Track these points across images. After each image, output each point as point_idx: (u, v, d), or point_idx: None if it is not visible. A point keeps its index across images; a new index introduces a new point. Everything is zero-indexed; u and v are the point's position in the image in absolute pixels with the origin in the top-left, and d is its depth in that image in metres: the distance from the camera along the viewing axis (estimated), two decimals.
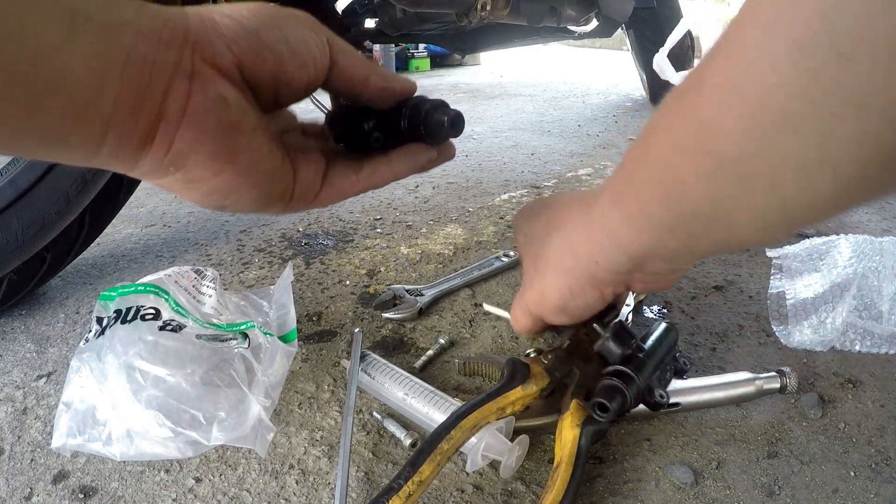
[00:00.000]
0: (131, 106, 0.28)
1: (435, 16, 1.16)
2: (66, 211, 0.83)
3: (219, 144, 0.31)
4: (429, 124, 0.37)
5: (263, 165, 0.33)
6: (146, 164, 0.31)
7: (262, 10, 0.33)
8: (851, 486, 0.53)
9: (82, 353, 0.59)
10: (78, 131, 0.27)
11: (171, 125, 0.30)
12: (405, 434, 0.59)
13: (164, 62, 0.28)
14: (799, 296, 0.75)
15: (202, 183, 0.32)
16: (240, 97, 0.32)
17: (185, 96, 0.29)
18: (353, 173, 0.39)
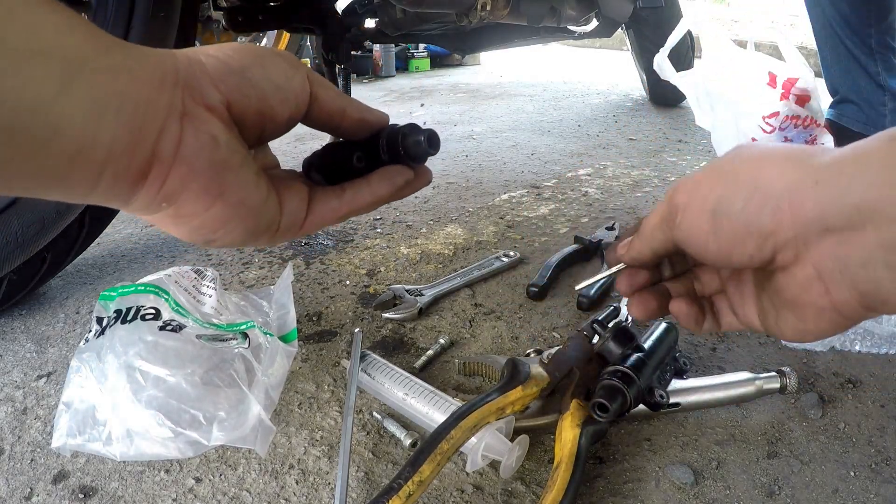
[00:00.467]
0: (126, 147, 0.29)
1: (435, 16, 1.16)
2: (66, 211, 0.83)
3: (209, 181, 0.33)
4: (407, 146, 0.39)
5: (251, 200, 0.35)
6: (140, 201, 0.32)
7: (244, 50, 0.35)
8: (851, 486, 0.53)
9: (82, 353, 0.59)
10: (75, 173, 0.28)
11: (165, 164, 0.31)
12: (405, 434, 0.59)
13: (156, 104, 0.30)
14: None
15: (193, 218, 0.34)
16: (229, 135, 0.33)
17: (177, 136, 0.31)
18: (335, 199, 0.40)
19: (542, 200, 1.33)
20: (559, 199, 1.33)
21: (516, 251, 0.99)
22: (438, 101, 2.68)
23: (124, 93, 0.28)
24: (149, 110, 0.29)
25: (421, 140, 0.39)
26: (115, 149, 0.28)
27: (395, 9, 1.18)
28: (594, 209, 1.26)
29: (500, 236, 1.12)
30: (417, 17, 1.17)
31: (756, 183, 0.33)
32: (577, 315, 0.82)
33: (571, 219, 1.20)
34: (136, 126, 0.29)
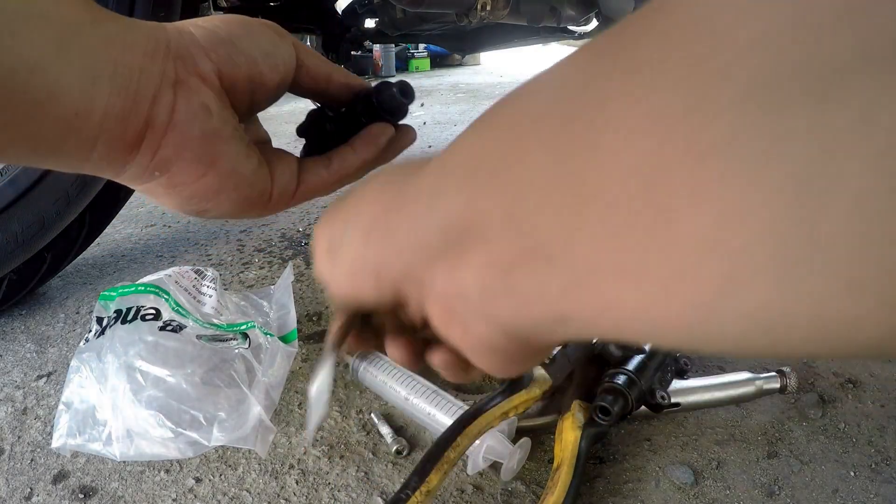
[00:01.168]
0: (120, 114, 0.29)
1: (435, 16, 1.16)
2: (66, 211, 0.83)
3: (201, 150, 0.33)
4: (382, 100, 0.40)
5: (243, 169, 0.35)
6: (133, 169, 0.32)
7: (231, 20, 0.36)
8: (851, 486, 0.53)
9: (82, 353, 0.59)
10: (70, 140, 0.28)
11: (158, 132, 0.31)
12: (393, 439, 0.58)
13: (149, 72, 0.30)
14: None
15: (185, 187, 0.34)
16: (220, 105, 0.34)
17: (170, 104, 0.31)
18: (323, 168, 0.41)
19: None
20: None
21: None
22: (438, 101, 2.68)
23: (118, 60, 0.29)
24: (142, 78, 0.30)
25: (394, 92, 0.39)
26: (109, 115, 0.29)
27: (395, 9, 1.18)
28: None
29: None
30: (417, 17, 1.17)
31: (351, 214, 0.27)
32: None
33: None
34: (131, 93, 0.29)
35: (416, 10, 1.06)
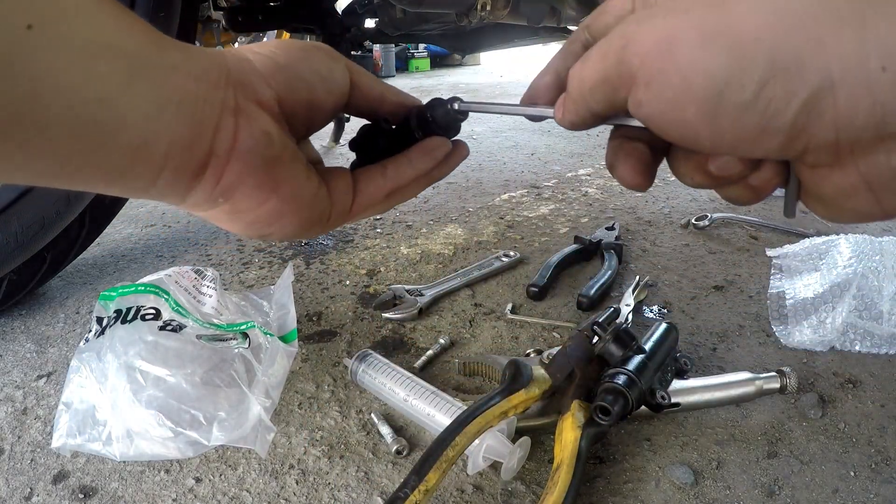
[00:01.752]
0: (186, 142, 0.30)
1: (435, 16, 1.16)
2: (66, 211, 0.83)
3: (264, 176, 0.34)
4: (436, 116, 0.40)
5: (305, 192, 0.36)
6: (197, 196, 0.33)
7: (288, 46, 0.36)
8: (851, 486, 0.53)
9: (82, 353, 0.59)
10: (137, 167, 0.29)
11: (221, 160, 0.32)
12: (393, 439, 0.58)
13: (212, 101, 0.31)
14: (799, 296, 0.75)
15: (248, 213, 0.35)
16: (280, 130, 0.34)
17: (232, 132, 0.32)
18: (379, 177, 0.41)
19: (542, 200, 1.33)
20: (559, 199, 1.33)
21: (516, 251, 0.99)
22: None
23: (183, 89, 0.29)
24: (206, 107, 0.30)
25: (448, 109, 0.40)
26: (175, 143, 0.29)
27: (395, 9, 1.18)
28: (594, 209, 1.26)
29: (500, 236, 1.12)
30: (417, 17, 1.17)
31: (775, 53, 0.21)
32: (577, 315, 0.82)
33: (571, 219, 1.20)
34: (195, 122, 0.30)
35: (416, 10, 1.06)
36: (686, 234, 1.10)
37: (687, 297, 0.86)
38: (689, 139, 0.26)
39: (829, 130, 0.22)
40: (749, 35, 0.22)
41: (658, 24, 0.24)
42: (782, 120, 0.22)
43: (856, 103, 0.21)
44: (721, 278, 0.91)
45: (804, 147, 0.23)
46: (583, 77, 0.28)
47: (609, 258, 0.94)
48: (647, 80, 0.25)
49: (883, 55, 0.20)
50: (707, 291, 0.88)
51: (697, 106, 0.23)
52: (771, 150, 0.24)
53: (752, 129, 0.23)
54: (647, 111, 0.26)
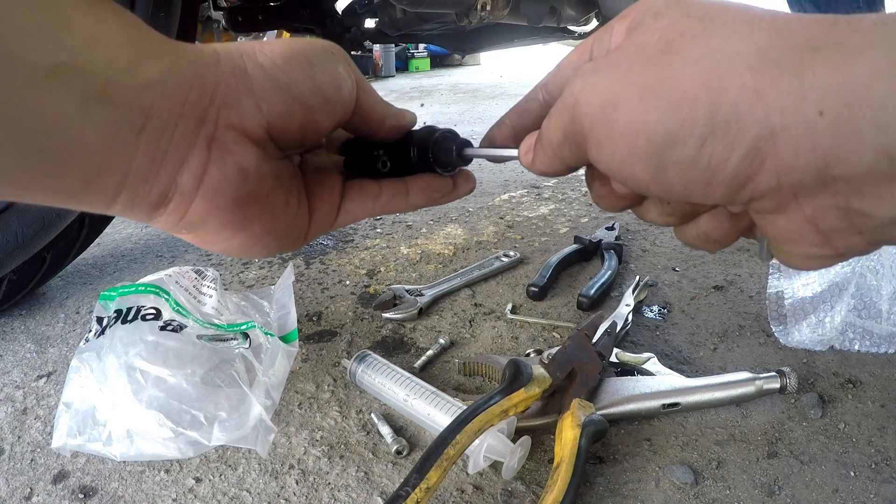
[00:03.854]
0: (145, 173, 0.28)
1: (435, 16, 1.16)
2: (66, 211, 0.83)
3: (231, 216, 0.31)
4: (437, 154, 0.38)
5: (277, 227, 0.34)
6: (159, 223, 0.31)
7: (295, 58, 0.31)
8: (851, 486, 0.53)
9: (82, 353, 0.59)
10: (90, 194, 0.27)
11: (186, 197, 0.29)
12: (393, 439, 0.58)
13: (184, 128, 0.28)
14: (797, 295, 0.75)
15: (216, 245, 0.33)
16: (259, 163, 0.31)
17: (201, 168, 0.29)
18: (370, 201, 0.38)
19: (542, 200, 1.33)
20: (559, 199, 1.33)
21: (516, 251, 0.99)
22: (438, 101, 2.68)
23: (150, 113, 0.27)
24: (175, 136, 0.28)
25: (452, 151, 0.37)
26: (132, 175, 0.27)
27: (395, 9, 1.18)
28: (594, 209, 1.26)
29: (500, 236, 1.12)
30: (417, 17, 1.17)
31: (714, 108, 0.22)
32: (577, 315, 0.82)
33: (571, 219, 1.21)
34: (159, 153, 0.27)
35: (416, 10, 1.06)
36: None
37: (687, 297, 0.86)
38: (644, 191, 0.27)
39: (771, 178, 0.22)
40: (687, 91, 0.22)
41: (601, 84, 0.25)
42: (724, 172, 0.23)
43: (795, 150, 0.21)
44: (721, 278, 0.91)
45: (749, 195, 0.24)
46: (550, 134, 0.29)
47: (609, 258, 0.94)
48: (597, 141, 0.26)
49: (819, 99, 0.20)
50: (707, 291, 0.88)
51: (643, 163, 0.24)
52: (719, 200, 0.24)
53: (698, 182, 0.24)
54: (603, 166, 0.27)
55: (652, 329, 0.78)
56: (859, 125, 0.20)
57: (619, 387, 0.61)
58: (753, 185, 0.23)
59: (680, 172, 0.24)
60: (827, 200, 0.22)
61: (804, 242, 0.24)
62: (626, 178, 0.26)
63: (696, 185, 0.24)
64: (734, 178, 0.23)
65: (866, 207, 0.22)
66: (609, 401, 0.59)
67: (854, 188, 0.21)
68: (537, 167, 0.32)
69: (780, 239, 0.25)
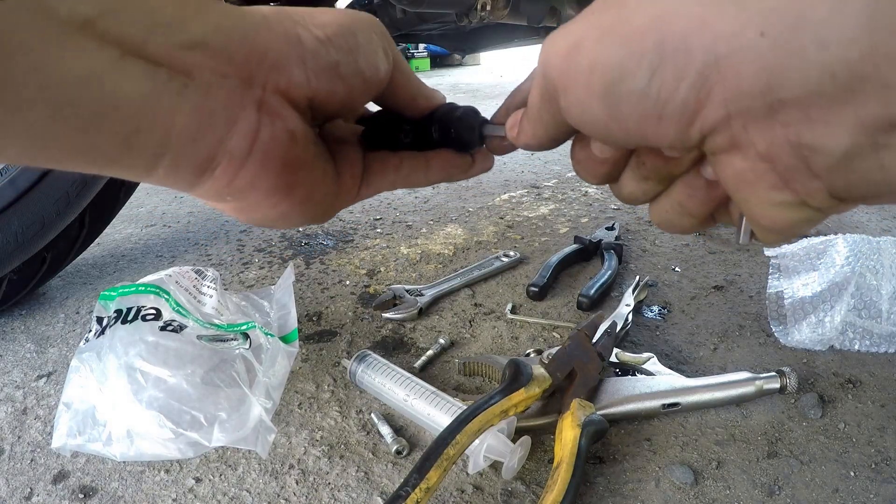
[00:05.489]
0: (191, 134, 0.26)
1: (435, 16, 1.16)
2: (66, 211, 0.83)
3: (280, 181, 0.31)
4: (459, 132, 0.38)
5: (317, 194, 0.34)
6: (203, 190, 0.30)
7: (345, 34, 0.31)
8: (851, 486, 0.53)
9: (82, 353, 0.59)
10: (130, 155, 0.26)
11: (236, 160, 0.28)
12: (393, 439, 0.58)
13: (231, 89, 0.27)
14: (797, 295, 0.75)
15: (257, 213, 0.33)
16: (306, 129, 0.31)
17: (252, 130, 0.28)
18: (392, 173, 0.39)
19: (542, 200, 1.33)
20: (559, 199, 1.33)
21: (516, 251, 0.99)
22: None
23: (194, 70, 0.25)
24: (221, 96, 0.27)
25: (474, 129, 0.37)
26: (176, 135, 0.26)
27: (395, 9, 1.18)
28: (594, 209, 1.26)
29: (500, 236, 1.12)
30: (417, 17, 1.17)
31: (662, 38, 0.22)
32: (577, 315, 0.82)
33: (571, 219, 1.21)
34: (205, 113, 0.26)
35: (416, 10, 1.06)
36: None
37: (687, 296, 0.86)
38: (605, 134, 0.27)
39: (719, 107, 0.22)
40: (639, 26, 0.23)
41: (567, 33, 0.26)
42: (674, 104, 0.23)
43: (739, 74, 0.21)
44: (721, 278, 0.91)
45: (700, 131, 0.23)
46: (532, 101, 0.30)
47: (609, 258, 0.94)
48: (564, 86, 0.26)
49: (760, 21, 0.20)
50: (707, 291, 0.88)
51: (600, 100, 0.25)
52: (673, 138, 0.24)
53: (650, 116, 0.24)
54: (571, 116, 0.27)
55: (652, 329, 0.78)
56: (801, 43, 0.20)
57: (619, 387, 0.61)
58: (703, 119, 0.23)
59: (632, 106, 0.24)
60: (777, 131, 0.22)
61: (763, 185, 0.24)
62: (589, 121, 0.26)
63: (649, 121, 0.24)
64: (683, 109, 0.23)
65: (816, 139, 0.21)
66: (609, 401, 0.59)
67: (802, 114, 0.21)
68: (522, 139, 0.33)
69: (738, 184, 0.25)
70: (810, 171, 0.22)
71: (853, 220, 1.15)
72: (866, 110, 0.20)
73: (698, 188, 0.30)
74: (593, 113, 0.26)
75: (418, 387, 0.61)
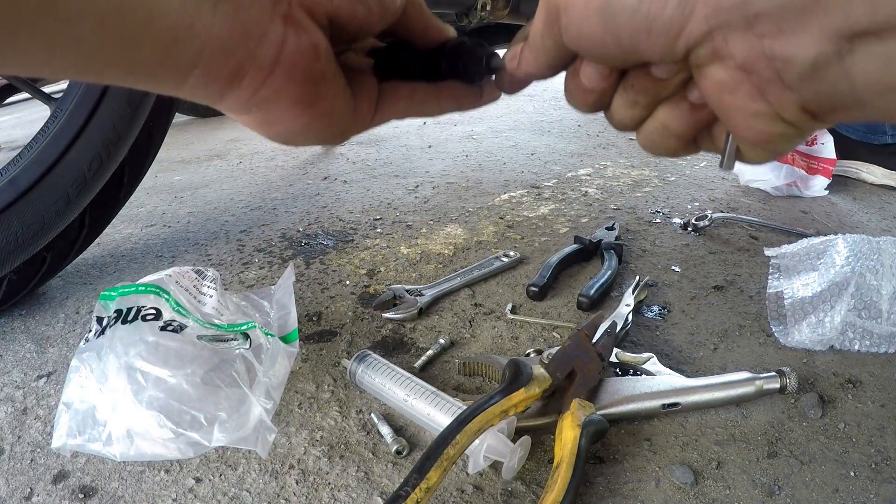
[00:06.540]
0: (223, 45, 0.28)
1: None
2: (66, 211, 0.83)
3: (303, 92, 0.32)
4: (468, 67, 0.39)
5: (338, 110, 0.35)
6: (230, 101, 0.31)
7: None
8: (851, 486, 0.53)
9: (82, 353, 0.59)
10: (167, 65, 0.27)
11: (263, 70, 0.30)
12: (393, 439, 0.58)
13: (260, 2, 0.29)
14: (797, 295, 0.75)
15: (279, 125, 0.34)
16: (328, 45, 0.32)
17: (279, 42, 0.30)
18: (405, 101, 0.40)
19: (542, 200, 1.33)
20: (559, 199, 1.33)
21: (516, 251, 0.99)
22: None
23: None
24: (252, 8, 0.28)
25: (481, 61, 0.39)
26: (209, 44, 0.28)
27: None
28: (594, 209, 1.26)
29: (500, 236, 1.12)
30: None
31: None
32: (577, 315, 0.82)
33: (571, 219, 1.20)
34: (238, 24, 0.28)
35: None
36: (686, 234, 1.10)
37: (687, 297, 0.86)
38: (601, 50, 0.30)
39: (701, 23, 0.25)
40: None
41: None
42: (661, 19, 0.26)
43: None
44: (721, 278, 0.91)
45: (685, 45, 0.26)
46: (534, 28, 0.33)
47: (609, 258, 0.94)
48: (565, 7, 0.29)
49: None
50: (707, 291, 0.88)
51: (598, 17, 0.28)
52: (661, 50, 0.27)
53: (642, 30, 0.27)
54: (570, 35, 0.30)
55: (652, 329, 0.78)
56: None
57: (619, 387, 0.61)
58: (687, 34, 0.26)
59: (625, 20, 0.27)
60: (753, 42, 0.24)
61: (741, 94, 0.26)
62: (586, 36, 0.29)
63: (640, 34, 0.27)
64: (670, 24, 0.26)
65: (787, 50, 0.23)
66: (609, 401, 0.59)
67: (774, 27, 0.23)
68: (522, 68, 0.35)
69: (720, 94, 0.27)
70: (783, 82, 0.25)
71: (853, 220, 1.15)
72: (829, 20, 0.22)
73: (683, 110, 0.32)
74: (591, 28, 0.28)
75: (418, 387, 0.61)
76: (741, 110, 0.27)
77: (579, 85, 0.34)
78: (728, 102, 0.27)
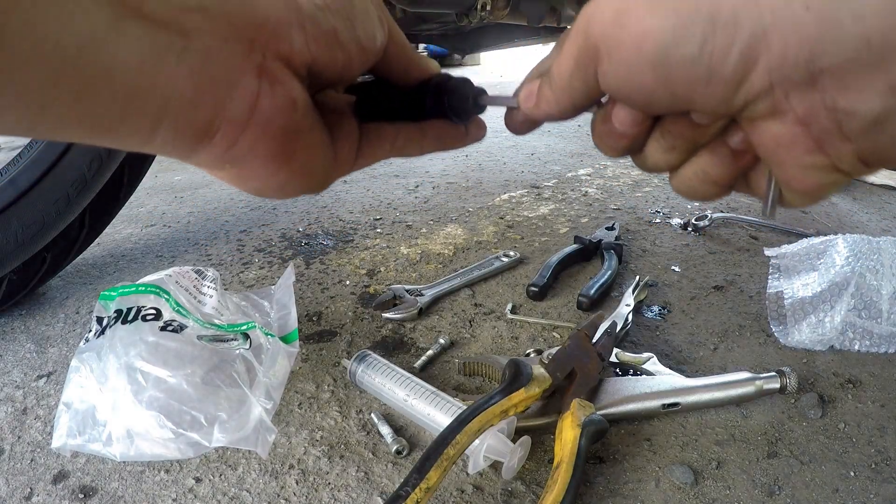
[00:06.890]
0: (189, 100, 0.26)
1: (435, 16, 1.16)
2: (66, 211, 0.83)
3: (280, 147, 0.31)
4: (453, 105, 0.38)
5: (316, 163, 0.34)
6: (202, 157, 0.30)
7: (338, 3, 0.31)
8: (851, 485, 0.53)
9: (82, 353, 0.59)
10: (128, 122, 0.25)
11: (236, 126, 0.28)
12: (393, 439, 0.58)
13: (231, 53, 0.27)
14: (797, 295, 0.75)
15: (256, 181, 0.32)
16: (305, 97, 0.31)
17: (253, 96, 0.28)
18: (388, 144, 0.39)
19: (542, 200, 1.33)
20: (559, 199, 1.33)
21: (516, 251, 0.99)
22: None
23: (191, 36, 0.25)
24: (221, 60, 0.26)
25: (469, 106, 0.37)
26: (174, 99, 0.26)
27: (395, 9, 1.18)
28: (594, 209, 1.26)
29: (500, 236, 1.12)
30: (417, 17, 1.17)
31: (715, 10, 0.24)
32: (577, 315, 0.82)
33: (571, 219, 1.20)
34: (205, 77, 0.26)
35: (415, 10, 1.06)
36: (686, 234, 1.10)
37: (687, 297, 0.86)
38: (646, 99, 0.28)
39: (764, 75, 0.24)
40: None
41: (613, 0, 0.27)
42: (724, 69, 0.25)
43: (785, 45, 0.23)
44: (721, 278, 0.91)
45: (744, 98, 0.25)
46: (560, 65, 0.30)
47: (609, 258, 0.94)
48: (608, 50, 0.27)
49: None
50: (707, 291, 0.88)
51: (650, 65, 0.26)
52: (718, 102, 0.26)
53: (699, 81, 0.25)
54: (612, 80, 0.28)
55: (652, 329, 0.78)
56: (840, 16, 0.22)
57: (619, 387, 0.61)
58: (749, 85, 0.25)
59: (683, 71, 0.25)
60: (815, 97, 0.24)
61: (798, 148, 0.26)
62: (634, 86, 0.27)
63: (697, 85, 0.26)
64: (732, 75, 0.25)
65: (850, 104, 0.23)
66: (609, 401, 0.59)
67: (839, 82, 0.23)
68: (542, 108, 0.33)
69: (775, 148, 0.27)
70: (843, 134, 0.24)
71: (853, 220, 1.15)
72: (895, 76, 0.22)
73: (724, 156, 0.31)
74: (640, 77, 0.27)
75: (418, 387, 0.61)
76: (796, 164, 0.26)
77: (612, 130, 0.32)
78: (783, 156, 0.27)
